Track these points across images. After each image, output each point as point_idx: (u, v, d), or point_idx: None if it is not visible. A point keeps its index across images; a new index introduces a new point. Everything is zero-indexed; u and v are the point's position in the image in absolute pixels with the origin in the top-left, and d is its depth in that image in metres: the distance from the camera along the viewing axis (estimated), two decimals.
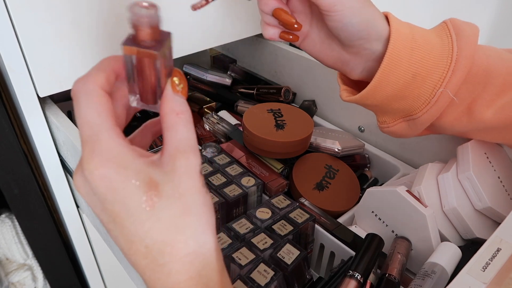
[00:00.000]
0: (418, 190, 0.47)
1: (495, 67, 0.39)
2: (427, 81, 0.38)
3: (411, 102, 0.39)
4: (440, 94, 0.38)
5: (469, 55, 0.37)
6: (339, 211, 0.54)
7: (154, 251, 0.25)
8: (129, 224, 0.25)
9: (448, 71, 0.37)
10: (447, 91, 0.38)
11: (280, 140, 0.55)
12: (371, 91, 0.39)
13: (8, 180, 0.58)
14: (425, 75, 0.38)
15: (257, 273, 0.39)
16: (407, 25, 0.38)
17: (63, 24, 0.50)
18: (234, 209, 0.50)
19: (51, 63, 0.51)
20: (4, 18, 0.46)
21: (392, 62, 0.37)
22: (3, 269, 0.69)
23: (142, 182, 0.25)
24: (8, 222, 0.67)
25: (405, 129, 0.42)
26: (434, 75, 0.38)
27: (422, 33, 0.38)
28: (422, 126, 0.41)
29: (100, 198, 0.25)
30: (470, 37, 0.38)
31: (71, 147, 0.52)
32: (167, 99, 0.26)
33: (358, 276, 0.38)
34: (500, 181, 0.47)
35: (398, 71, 0.37)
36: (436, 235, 0.44)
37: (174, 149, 0.26)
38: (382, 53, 0.38)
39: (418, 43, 0.37)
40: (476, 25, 0.40)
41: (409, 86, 0.38)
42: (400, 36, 0.37)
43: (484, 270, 0.32)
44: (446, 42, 0.38)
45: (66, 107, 0.74)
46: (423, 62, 0.37)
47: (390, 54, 0.37)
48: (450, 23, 0.39)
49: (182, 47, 0.62)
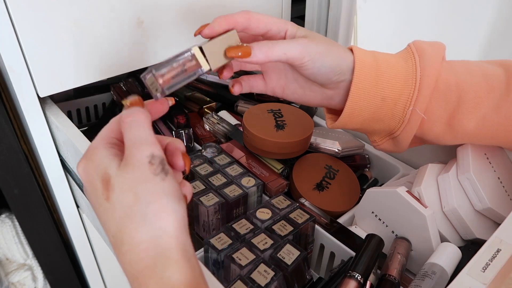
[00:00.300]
0: (418, 190, 0.47)
1: (465, 82, 0.41)
2: (398, 103, 0.41)
3: (388, 122, 0.42)
4: (411, 113, 0.41)
5: (432, 74, 0.40)
6: (339, 212, 0.54)
7: (117, 240, 0.28)
8: (99, 213, 0.29)
9: (414, 90, 0.40)
10: (416, 110, 0.40)
11: (280, 140, 0.55)
12: (346, 118, 0.42)
13: (8, 180, 0.58)
14: (395, 97, 0.41)
15: (257, 274, 0.39)
16: (370, 54, 0.41)
17: (63, 24, 0.50)
18: (234, 210, 0.50)
19: (51, 63, 0.51)
20: (4, 18, 0.46)
21: (359, 90, 0.40)
22: (3, 269, 0.69)
23: (100, 175, 0.29)
24: (8, 222, 0.67)
25: (393, 146, 0.45)
26: (402, 96, 0.40)
27: (387, 60, 0.41)
28: (405, 143, 0.43)
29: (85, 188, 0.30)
30: (433, 57, 0.40)
31: (71, 147, 0.52)
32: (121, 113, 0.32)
33: (358, 277, 0.38)
34: (500, 182, 0.47)
35: (367, 97, 0.40)
36: (436, 236, 0.44)
37: (127, 146, 0.29)
38: None
39: (382, 70, 0.40)
40: (441, 43, 0.43)
41: (382, 109, 0.41)
42: (363, 65, 0.40)
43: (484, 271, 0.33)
44: (410, 64, 0.41)
45: (66, 107, 0.74)
46: (390, 85, 0.40)
47: (356, 82, 0.40)
48: (413, 46, 0.42)
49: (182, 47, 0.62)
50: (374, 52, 0.42)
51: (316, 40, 0.39)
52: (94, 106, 0.78)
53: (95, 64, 0.55)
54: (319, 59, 0.39)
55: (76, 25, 0.51)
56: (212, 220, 0.49)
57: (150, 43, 0.59)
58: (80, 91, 0.77)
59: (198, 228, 0.51)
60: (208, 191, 0.49)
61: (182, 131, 0.64)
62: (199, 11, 0.62)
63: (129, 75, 0.83)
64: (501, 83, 0.40)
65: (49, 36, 0.50)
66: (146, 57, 0.60)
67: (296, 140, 0.56)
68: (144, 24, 0.57)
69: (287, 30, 0.40)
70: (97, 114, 0.79)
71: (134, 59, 0.59)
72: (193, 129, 0.67)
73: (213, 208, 0.48)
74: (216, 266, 0.43)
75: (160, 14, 0.58)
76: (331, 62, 0.39)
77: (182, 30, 0.61)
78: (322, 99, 0.44)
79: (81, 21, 0.52)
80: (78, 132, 0.51)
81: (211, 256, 0.43)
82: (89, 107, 0.77)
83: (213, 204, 0.47)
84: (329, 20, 0.75)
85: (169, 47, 0.61)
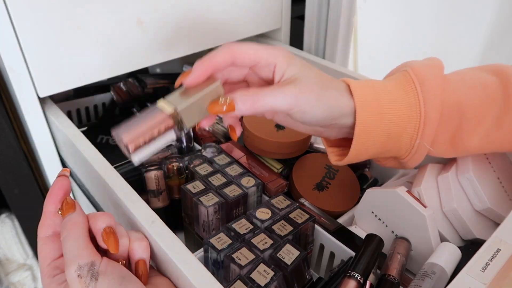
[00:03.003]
0: (418, 190, 0.47)
1: (465, 99, 0.39)
2: (403, 136, 0.39)
3: (395, 152, 0.41)
4: (418, 145, 0.39)
5: (437, 105, 0.38)
6: (339, 212, 0.54)
7: None
8: None
9: (419, 124, 0.38)
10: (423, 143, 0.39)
11: (280, 140, 0.55)
12: (353, 158, 0.40)
13: (8, 180, 0.58)
14: (400, 132, 0.39)
15: (257, 274, 0.39)
16: (370, 89, 0.38)
17: (63, 24, 0.50)
18: (234, 210, 0.50)
19: (51, 63, 0.51)
20: (4, 18, 0.46)
21: (363, 133, 0.38)
22: (3, 269, 0.69)
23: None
24: (8, 222, 0.67)
25: (398, 165, 0.44)
26: (408, 130, 0.39)
27: (387, 94, 0.39)
28: (413, 165, 0.43)
29: None
30: (434, 83, 0.38)
31: (71, 147, 0.52)
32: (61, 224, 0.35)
33: (358, 277, 0.38)
34: (500, 182, 0.47)
35: (372, 137, 0.39)
36: (436, 236, 0.44)
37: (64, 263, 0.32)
38: (353, 123, 0.39)
39: (385, 108, 0.38)
40: (438, 60, 0.41)
41: (388, 143, 0.40)
42: (365, 107, 0.37)
43: (483, 271, 0.33)
44: (412, 96, 0.38)
45: (66, 107, 0.74)
46: (394, 122, 0.38)
47: (359, 127, 0.38)
48: (412, 73, 0.39)
49: (182, 47, 0.62)
50: (372, 84, 0.39)
51: (306, 85, 0.36)
52: (94, 106, 0.78)
53: (95, 64, 0.55)
54: (310, 111, 0.36)
55: (76, 25, 0.51)
56: (212, 220, 0.49)
57: (150, 43, 0.59)
58: (80, 91, 0.77)
59: (198, 228, 0.51)
60: (208, 191, 0.49)
61: None
62: (199, 11, 0.62)
63: (129, 75, 0.83)
64: (498, 95, 0.40)
65: (49, 36, 0.50)
66: (146, 57, 0.60)
67: (296, 140, 0.56)
68: (144, 24, 0.57)
69: (275, 65, 0.37)
70: (97, 114, 0.79)
71: (134, 59, 0.59)
72: (193, 129, 0.67)
73: (213, 208, 0.48)
74: (215, 266, 0.43)
75: (160, 14, 0.58)
76: (323, 112, 0.37)
77: (182, 30, 0.61)
78: (312, 132, 0.42)
79: (81, 21, 0.52)
80: (78, 132, 0.51)
81: (211, 256, 0.43)
82: (89, 107, 0.77)
83: (213, 204, 0.47)
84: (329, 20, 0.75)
85: (169, 47, 0.61)
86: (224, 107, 0.35)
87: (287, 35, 0.78)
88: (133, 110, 0.72)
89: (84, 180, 0.55)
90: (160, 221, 0.37)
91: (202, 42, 0.65)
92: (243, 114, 0.36)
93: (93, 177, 0.48)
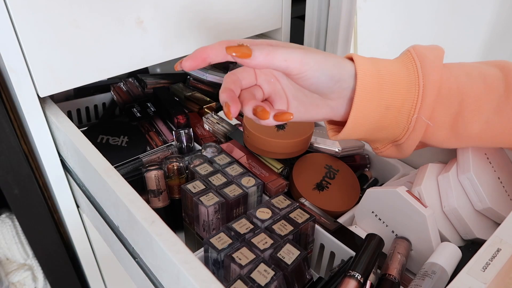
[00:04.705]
0: (418, 190, 0.47)
1: (465, 86, 0.40)
2: (402, 110, 0.40)
3: (392, 130, 0.41)
4: (416, 120, 0.40)
5: (435, 80, 0.39)
6: (339, 211, 0.54)
7: None
8: None
9: (418, 97, 0.39)
10: (421, 117, 0.40)
11: (280, 140, 0.55)
12: (351, 128, 0.41)
13: (8, 180, 0.58)
14: (398, 105, 0.40)
15: (257, 273, 0.39)
16: (370, 61, 0.40)
17: (63, 24, 0.50)
18: (234, 209, 0.50)
19: (51, 63, 0.51)
20: (4, 18, 0.46)
21: (362, 98, 0.39)
22: (3, 269, 0.69)
23: None
24: (8, 222, 0.67)
25: (396, 152, 0.44)
26: (406, 104, 0.40)
27: (388, 67, 0.40)
28: (409, 149, 0.43)
29: None
30: (434, 62, 0.39)
31: (71, 147, 0.52)
32: None
33: (358, 276, 0.38)
34: (500, 182, 0.47)
35: (371, 105, 0.39)
36: (436, 236, 0.44)
37: None
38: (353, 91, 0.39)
39: (384, 78, 0.39)
40: (440, 47, 0.42)
41: (386, 118, 0.40)
42: (365, 73, 0.39)
43: (484, 271, 0.33)
44: (411, 71, 0.40)
45: (66, 107, 0.74)
46: (393, 94, 0.39)
47: (359, 90, 0.38)
48: (413, 51, 0.41)
49: (182, 47, 0.62)
50: (373, 59, 0.41)
51: (312, 50, 0.39)
52: (94, 106, 0.78)
53: (95, 64, 0.55)
54: (319, 68, 0.38)
55: (76, 25, 0.51)
56: (212, 220, 0.49)
57: (150, 43, 0.59)
58: (80, 91, 0.77)
59: (198, 227, 0.51)
60: (208, 190, 0.49)
61: (182, 131, 0.64)
62: (199, 11, 0.62)
63: (129, 75, 0.83)
64: (499, 84, 0.40)
65: (49, 36, 0.50)
66: (146, 57, 0.60)
67: (296, 140, 0.56)
68: (144, 24, 0.57)
69: None
70: (97, 114, 0.79)
71: (134, 59, 0.59)
72: (193, 129, 0.67)
73: (213, 207, 0.48)
74: (216, 266, 0.43)
75: (160, 14, 0.58)
76: (331, 70, 0.38)
77: (182, 30, 0.61)
78: (326, 112, 0.42)
79: (81, 21, 0.52)
80: (78, 132, 0.51)
81: (211, 256, 0.43)
82: (89, 107, 0.77)
83: (213, 204, 0.47)
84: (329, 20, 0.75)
85: (169, 47, 0.61)
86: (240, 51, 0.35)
87: (287, 35, 0.78)
88: (133, 110, 0.72)
89: (84, 180, 0.55)
90: (161, 221, 0.37)
91: (202, 42, 0.65)
92: (257, 63, 0.36)
93: (93, 177, 0.48)
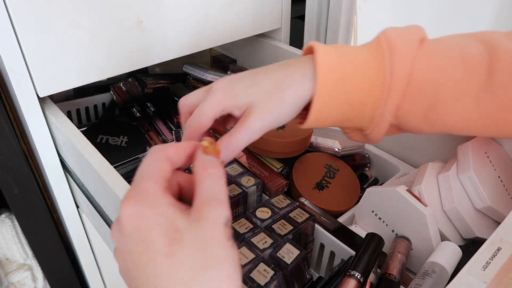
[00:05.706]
0: (419, 189, 0.47)
1: (442, 75, 0.37)
2: (366, 104, 0.38)
3: (358, 122, 0.40)
4: (381, 115, 0.38)
5: (403, 73, 0.37)
6: (339, 211, 0.54)
7: None
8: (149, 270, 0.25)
9: (383, 93, 0.37)
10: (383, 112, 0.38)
11: (280, 139, 0.55)
12: (313, 123, 0.39)
13: (8, 180, 0.58)
14: (362, 100, 0.37)
15: (257, 273, 0.39)
16: (336, 52, 0.37)
17: (63, 24, 0.50)
18: (234, 209, 0.50)
19: (51, 63, 0.51)
20: (4, 18, 0.46)
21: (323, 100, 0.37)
22: (3, 269, 0.69)
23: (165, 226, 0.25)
24: (8, 222, 0.67)
25: (365, 139, 0.42)
26: (370, 98, 0.37)
27: (353, 59, 0.37)
28: (377, 139, 0.41)
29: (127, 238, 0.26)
30: (405, 52, 0.37)
31: (71, 147, 0.52)
32: (197, 159, 0.30)
33: (358, 276, 0.38)
34: (501, 181, 0.47)
35: (332, 104, 0.37)
36: (436, 235, 0.44)
37: (201, 200, 0.27)
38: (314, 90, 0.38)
39: (348, 73, 0.37)
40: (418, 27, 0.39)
41: (350, 112, 0.38)
42: (327, 73, 0.36)
43: (484, 270, 0.32)
44: (380, 62, 0.37)
45: (66, 107, 0.74)
46: (356, 89, 0.37)
47: (319, 94, 0.36)
48: (384, 38, 0.38)
49: (183, 47, 0.62)
50: (338, 47, 0.38)
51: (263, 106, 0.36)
52: (94, 106, 0.78)
53: (95, 64, 0.55)
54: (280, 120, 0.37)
55: (76, 25, 0.51)
56: None
57: (150, 43, 0.59)
58: (80, 91, 0.77)
59: None
60: None
61: (181, 130, 0.64)
62: (199, 11, 0.62)
63: (129, 75, 0.83)
64: (481, 68, 0.37)
65: (49, 36, 0.50)
66: (146, 57, 0.60)
67: (296, 140, 0.56)
68: (144, 24, 0.57)
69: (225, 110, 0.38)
70: (97, 114, 0.79)
71: (134, 59, 0.59)
72: None
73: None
74: None
75: (160, 14, 0.58)
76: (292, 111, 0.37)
77: (182, 30, 0.61)
78: None
79: (81, 21, 0.52)
80: (78, 132, 0.51)
81: None
82: (89, 107, 0.77)
83: None
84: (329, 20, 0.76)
85: (169, 47, 0.61)
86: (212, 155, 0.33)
87: (287, 35, 0.78)
88: (132, 110, 0.72)
89: (84, 180, 0.54)
90: None
91: (202, 42, 0.65)
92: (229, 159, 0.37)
93: (93, 177, 0.47)
